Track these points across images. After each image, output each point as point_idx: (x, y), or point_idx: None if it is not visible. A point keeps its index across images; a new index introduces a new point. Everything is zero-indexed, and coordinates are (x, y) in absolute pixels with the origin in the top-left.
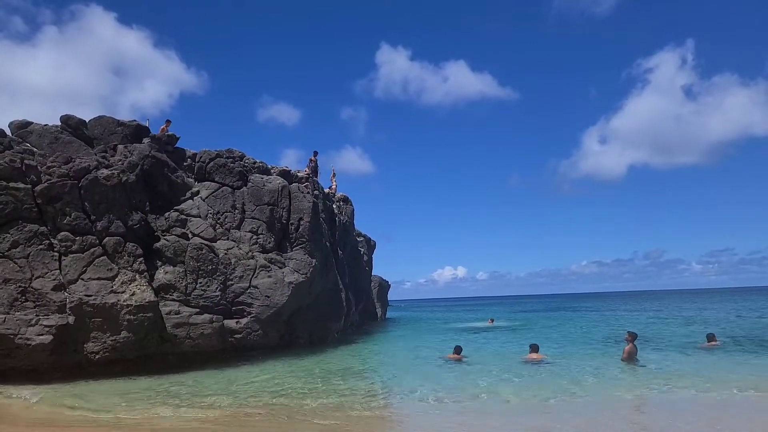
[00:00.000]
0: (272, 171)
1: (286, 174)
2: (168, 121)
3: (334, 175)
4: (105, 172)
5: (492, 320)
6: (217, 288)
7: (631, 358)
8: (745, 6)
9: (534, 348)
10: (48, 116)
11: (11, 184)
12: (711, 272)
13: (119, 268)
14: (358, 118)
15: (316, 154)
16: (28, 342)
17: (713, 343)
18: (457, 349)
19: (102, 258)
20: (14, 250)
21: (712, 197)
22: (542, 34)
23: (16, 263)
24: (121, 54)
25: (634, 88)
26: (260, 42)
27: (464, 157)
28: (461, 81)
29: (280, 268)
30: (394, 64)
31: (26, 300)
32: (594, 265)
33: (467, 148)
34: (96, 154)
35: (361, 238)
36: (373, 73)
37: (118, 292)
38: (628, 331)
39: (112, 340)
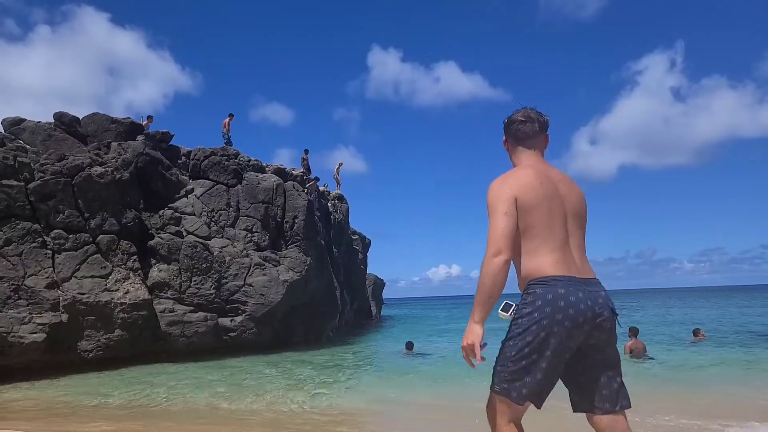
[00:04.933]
0: (267, 169)
1: (281, 172)
2: (150, 117)
3: (339, 166)
4: (99, 169)
5: None
6: (211, 286)
7: (635, 354)
8: (735, 9)
9: None
10: (41, 116)
11: (4, 182)
12: (703, 271)
13: (113, 266)
14: (350, 119)
15: (307, 152)
16: (21, 340)
17: (700, 337)
18: (408, 345)
19: (95, 256)
20: (7, 247)
21: (702, 197)
22: (530, 37)
23: (9, 261)
24: (114, 54)
25: (623, 89)
26: (253, 43)
27: (456, 156)
28: (452, 82)
29: (275, 266)
30: (386, 66)
31: (19, 298)
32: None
33: (459, 147)
34: (90, 152)
35: (356, 237)
36: (365, 74)
37: (112, 290)
38: (630, 327)
39: (105, 339)
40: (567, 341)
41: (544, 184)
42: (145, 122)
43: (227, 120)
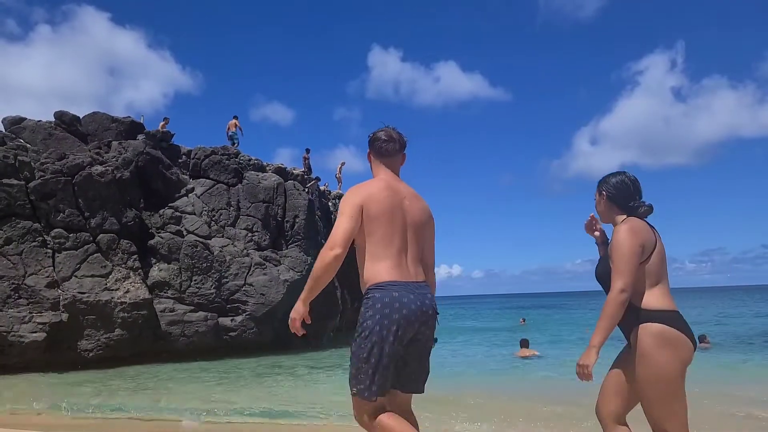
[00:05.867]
0: (267, 168)
1: (281, 171)
2: (166, 119)
3: (342, 165)
4: (99, 168)
5: (524, 320)
6: (211, 285)
7: None
8: (736, 9)
9: (524, 343)
10: (42, 116)
11: (4, 181)
12: (704, 271)
13: (113, 266)
14: (351, 118)
15: (308, 151)
16: (22, 339)
17: (705, 344)
18: None
19: (96, 255)
20: (7, 246)
21: (703, 197)
22: (530, 37)
23: (9, 260)
24: (115, 54)
25: (624, 89)
26: (253, 43)
27: (456, 155)
28: (452, 81)
29: (276, 265)
30: (386, 66)
31: (19, 297)
32: (588, 264)
33: (459, 146)
34: (90, 151)
35: None
36: (365, 74)
37: (112, 290)
38: None
39: (105, 338)
40: (402, 336)
41: (389, 197)
42: (162, 123)
43: (233, 122)
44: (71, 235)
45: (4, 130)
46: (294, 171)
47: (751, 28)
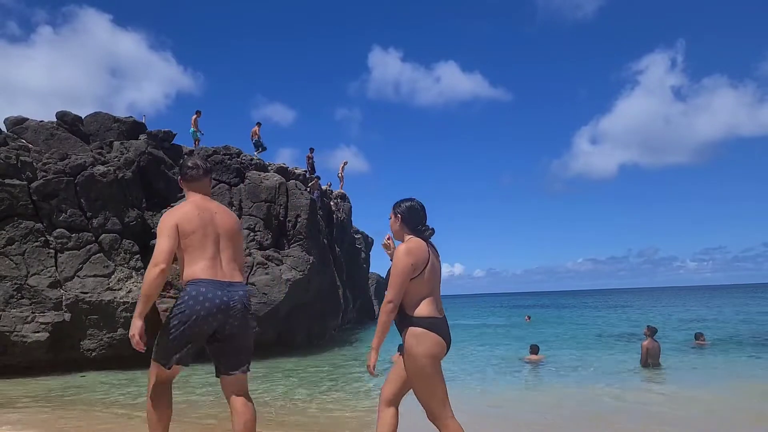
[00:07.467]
0: (269, 168)
1: (283, 171)
2: (198, 112)
3: (344, 165)
4: (101, 168)
5: (529, 317)
6: None
7: (651, 357)
8: (736, 8)
9: (534, 349)
10: (44, 116)
11: (7, 181)
12: (706, 269)
13: (115, 265)
14: (352, 118)
15: (312, 151)
16: (24, 339)
17: (701, 341)
18: (401, 349)
19: (98, 255)
20: (10, 247)
21: (703, 196)
22: (530, 37)
23: (12, 260)
24: (116, 55)
25: (624, 89)
26: (254, 45)
27: (457, 155)
28: (453, 82)
29: (278, 265)
30: (387, 66)
31: (22, 297)
32: (589, 263)
33: (460, 146)
34: (92, 151)
35: (359, 236)
36: (365, 74)
37: (115, 289)
38: (647, 325)
39: (108, 338)
40: (203, 324)
41: (200, 215)
42: (194, 117)
43: (256, 128)
44: (73, 235)
45: (6, 131)
46: (296, 171)
47: (751, 27)
